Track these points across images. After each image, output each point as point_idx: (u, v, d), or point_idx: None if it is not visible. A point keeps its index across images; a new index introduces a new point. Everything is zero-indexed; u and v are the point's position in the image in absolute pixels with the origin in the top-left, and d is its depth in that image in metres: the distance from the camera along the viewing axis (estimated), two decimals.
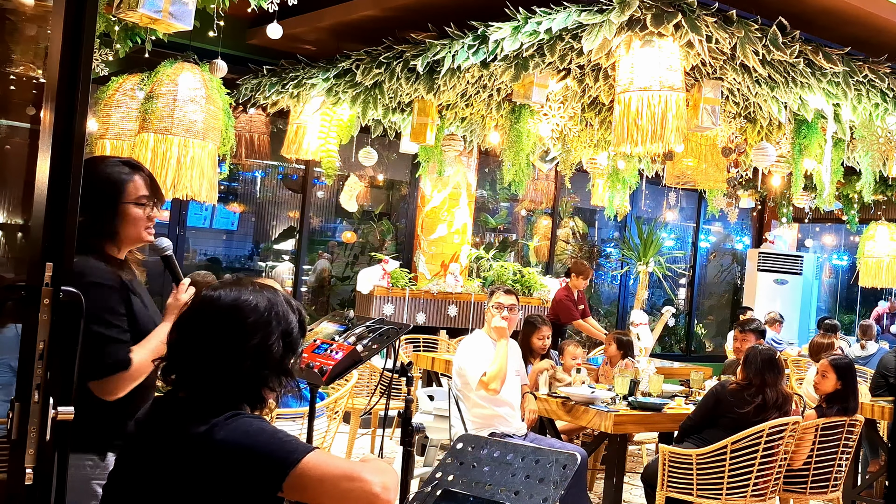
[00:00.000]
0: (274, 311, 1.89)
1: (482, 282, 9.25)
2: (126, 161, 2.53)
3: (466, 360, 4.94)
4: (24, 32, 3.89)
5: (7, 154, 4.09)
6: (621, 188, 8.31)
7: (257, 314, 1.87)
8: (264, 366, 1.87)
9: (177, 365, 1.89)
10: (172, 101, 5.16)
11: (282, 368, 1.90)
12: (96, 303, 2.25)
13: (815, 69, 5.17)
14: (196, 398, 1.85)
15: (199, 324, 1.88)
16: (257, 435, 1.77)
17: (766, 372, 4.81)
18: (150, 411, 1.94)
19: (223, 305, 1.87)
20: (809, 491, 5.03)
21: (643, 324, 8.52)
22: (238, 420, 1.79)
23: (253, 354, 1.85)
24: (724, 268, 13.21)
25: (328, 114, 6.83)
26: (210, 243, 9.74)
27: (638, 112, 4.74)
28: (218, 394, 1.84)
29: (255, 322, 1.86)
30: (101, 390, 2.30)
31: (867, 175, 6.42)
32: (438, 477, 2.15)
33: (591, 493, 6.10)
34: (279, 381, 1.91)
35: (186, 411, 1.83)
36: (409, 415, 2.94)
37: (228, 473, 1.75)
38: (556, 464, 2.04)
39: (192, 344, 1.87)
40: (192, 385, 1.86)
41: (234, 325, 1.85)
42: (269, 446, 1.76)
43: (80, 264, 2.28)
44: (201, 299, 1.91)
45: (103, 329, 2.28)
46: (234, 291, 1.89)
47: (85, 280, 2.25)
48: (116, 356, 2.29)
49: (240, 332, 1.85)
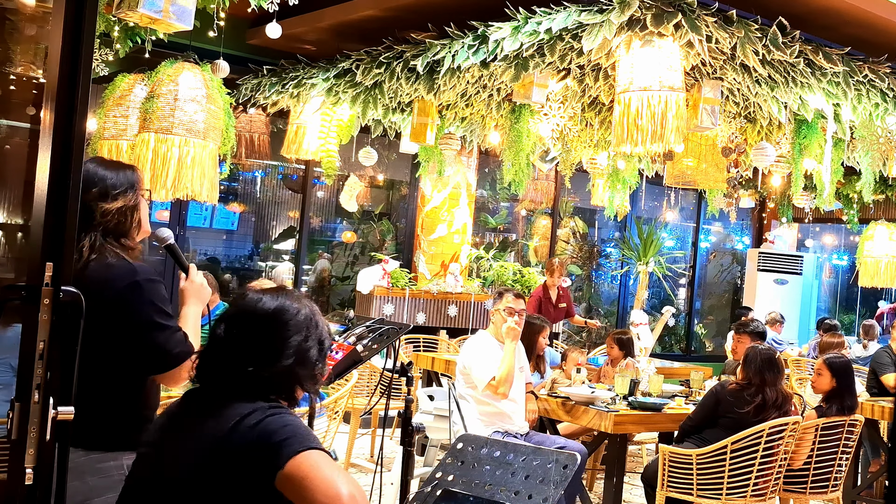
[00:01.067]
0: (313, 319, 2.02)
1: (482, 282, 9.25)
2: (110, 161, 2.58)
3: (473, 362, 4.94)
4: (24, 32, 3.90)
5: (7, 154, 4.09)
6: (621, 188, 8.31)
7: (299, 317, 1.99)
8: (302, 365, 1.97)
9: (218, 362, 1.97)
10: (173, 100, 5.16)
11: (314, 372, 2.01)
12: (155, 298, 2.36)
13: (815, 69, 5.17)
14: (233, 392, 1.92)
15: (243, 323, 1.98)
16: (286, 424, 1.85)
17: (766, 371, 4.81)
18: (182, 404, 2.01)
19: (270, 306, 1.99)
20: (809, 491, 5.03)
21: (643, 324, 8.51)
22: (277, 411, 1.88)
23: (292, 355, 1.95)
24: (724, 268, 13.21)
25: (328, 114, 6.83)
26: (210, 243, 9.74)
27: (638, 112, 4.74)
28: (255, 387, 1.92)
29: (297, 324, 1.98)
30: (172, 379, 2.39)
31: (867, 175, 6.42)
32: (438, 477, 2.15)
33: (591, 493, 6.11)
34: (310, 384, 2.01)
35: (229, 400, 1.90)
36: (409, 415, 2.94)
37: (249, 453, 1.81)
38: (556, 464, 2.04)
39: (235, 342, 1.96)
40: (231, 379, 1.94)
41: (279, 323, 1.97)
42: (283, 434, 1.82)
43: (127, 263, 2.37)
44: (247, 300, 2.02)
45: (166, 320, 2.36)
46: (279, 297, 2.01)
47: (140, 277, 2.35)
48: (183, 345, 2.37)
49: (284, 330, 1.97)
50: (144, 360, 2.34)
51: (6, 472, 1.58)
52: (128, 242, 2.46)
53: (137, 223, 2.49)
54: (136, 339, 2.32)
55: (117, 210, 2.41)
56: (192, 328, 2.49)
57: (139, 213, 2.50)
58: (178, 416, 2.00)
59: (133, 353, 2.33)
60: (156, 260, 7.99)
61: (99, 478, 2.32)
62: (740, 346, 5.88)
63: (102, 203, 2.40)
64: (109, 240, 2.39)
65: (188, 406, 1.99)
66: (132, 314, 2.31)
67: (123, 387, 2.37)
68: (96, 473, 2.32)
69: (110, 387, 2.34)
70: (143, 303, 2.33)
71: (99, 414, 2.31)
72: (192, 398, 2.00)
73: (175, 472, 1.88)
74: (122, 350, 2.32)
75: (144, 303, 2.33)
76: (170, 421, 2.00)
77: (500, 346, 4.99)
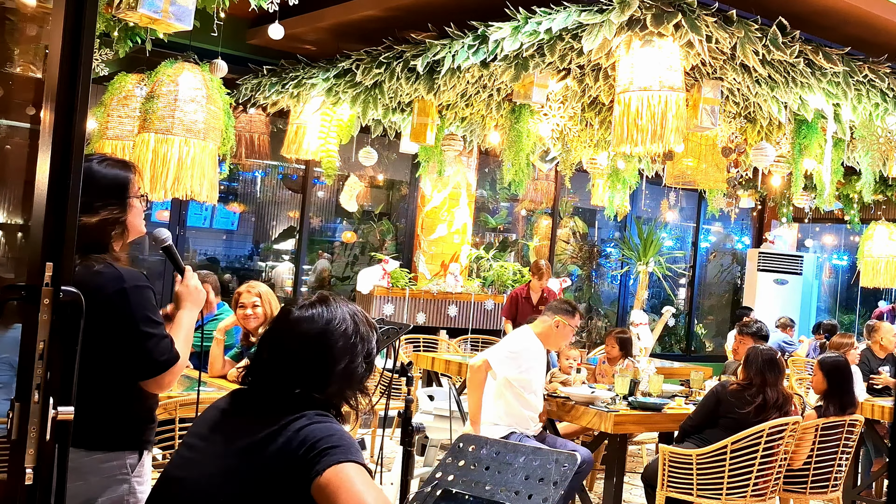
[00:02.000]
0: (359, 335, 1.96)
1: (482, 282, 9.25)
2: (109, 157, 2.56)
3: (528, 361, 4.98)
4: (24, 32, 3.90)
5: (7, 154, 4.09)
6: (621, 188, 8.31)
7: (345, 339, 1.93)
8: (349, 386, 1.95)
9: (265, 380, 1.94)
10: (173, 100, 5.16)
11: (362, 387, 1.99)
12: (143, 304, 2.35)
13: (815, 69, 5.17)
14: (280, 404, 1.90)
15: (288, 343, 1.95)
16: (332, 433, 1.84)
17: (767, 372, 4.81)
18: (231, 403, 2.00)
19: (313, 330, 1.93)
20: (809, 491, 5.03)
21: (643, 324, 8.52)
22: (323, 419, 1.86)
23: (339, 379, 1.92)
24: (724, 268, 13.20)
25: (328, 114, 6.83)
26: (210, 243, 9.74)
27: (638, 112, 4.74)
28: (304, 405, 1.89)
29: (344, 347, 1.93)
30: (157, 386, 2.39)
31: (867, 175, 6.42)
32: (438, 477, 2.15)
33: (591, 493, 6.11)
34: (357, 397, 1.99)
35: (275, 409, 1.88)
36: (409, 415, 2.94)
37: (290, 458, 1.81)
38: (556, 464, 2.04)
39: (282, 363, 1.93)
40: (279, 399, 1.91)
41: (323, 349, 1.92)
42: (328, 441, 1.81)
43: (114, 269, 2.36)
44: (293, 320, 1.96)
45: (152, 328, 2.36)
46: (323, 316, 1.94)
47: (127, 284, 2.34)
48: (169, 352, 2.37)
49: (329, 358, 1.92)
50: (132, 366, 2.35)
51: (6, 472, 1.58)
52: (117, 250, 2.44)
53: (121, 233, 2.45)
54: (123, 346, 2.32)
55: (95, 224, 2.36)
56: (184, 333, 2.49)
57: (127, 221, 2.47)
58: (224, 415, 1.99)
59: (121, 358, 2.34)
60: (155, 260, 7.99)
61: (101, 477, 2.33)
62: (742, 346, 5.88)
63: (82, 216, 2.37)
64: (95, 251, 2.37)
65: (235, 408, 1.98)
66: (119, 321, 2.31)
67: (121, 388, 2.37)
68: (99, 473, 2.33)
69: (108, 388, 2.35)
70: (130, 310, 2.32)
71: (99, 414, 2.31)
72: (239, 400, 1.99)
73: (212, 474, 1.88)
74: (112, 355, 2.33)
75: (132, 310, 2.33)
76: (216, 421, 1.99)
77: (542, 347, 5.06)
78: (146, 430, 2.45)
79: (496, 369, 4.87)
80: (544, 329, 5.06)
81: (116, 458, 2.36)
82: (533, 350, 4.99)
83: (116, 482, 2.35)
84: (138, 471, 2.41)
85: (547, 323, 5.06)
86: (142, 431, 2.44)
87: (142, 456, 2.42)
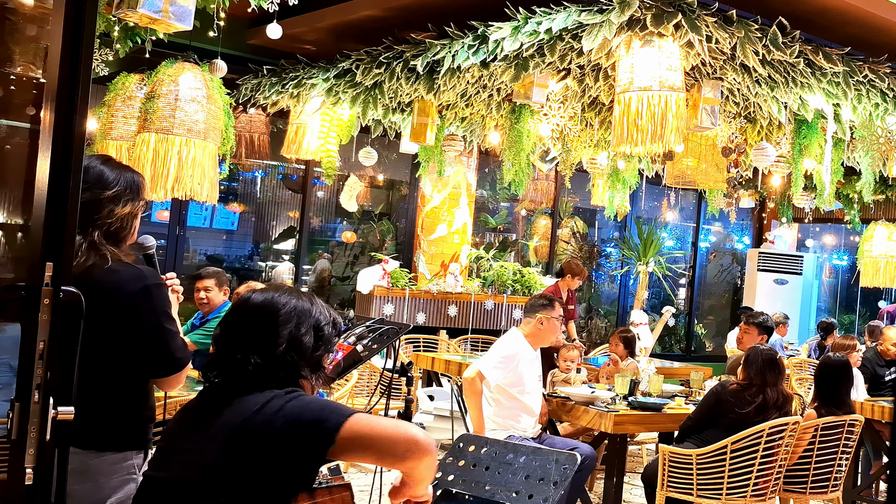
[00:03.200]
0: (304, 307, 2.07)
1: (482, 282, 9.25)
2: (120, 162, 2.57)
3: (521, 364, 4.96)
4: (24, 32, 3.90)
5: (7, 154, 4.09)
6: (621, 188, 8.31)
7: (288, 308, 2.05)
8: (297, 353, 2.02)
9: (222, 359, 2.04)
10: (174, 100, 5.16)
11: (314, 361, 2.05)
12: (165, 302, 2.41)
13: (815, 69, 5.17)
14: (240, 385, 1.98)
15: (237, 319, 2.08)
16: (309, 403, 1.93)
17: (768, 372, 4.81)
18: (199, 401, 2.08)
19: (258, 300, 2.08)
20: (809, 491, 5.03)
21: (643, 324, 8.52)
22: (295, 395, 1.95)
23: (286, 340, 2.01)
24: (724, 268, 13.20)
25: (328, 114, 6.83)
26: (210, 243, 9.74)
27: (638, 112, 4.74)
28: (257, 377, 1.97)
29: (287, 313, 2.04)
30: (173, 383, 2.43)
31: (867, 175, 6.42)
32: (438, 477, 2.15)
33: (591, 493, 6.11)
34: (312, 374, 2.06)
35: (240, 394, 1.96)
36: (409, 415, 2.94)
37: (284, 439, 1.87)
38: (556, 464, 2.04)
39: (233, 337, 2.04)
40: (235, 376, 2.00)
41: (267, 315, 2.04)
42: (319, 412, 1.89)
43: (132, 268, 2.40)
44: (239, 300, 2.13)
45: (173, 326, 2.41)
46: (267, 292, 2.10)
47: (149, 283, 2.38)
48: (185, 351, 2.42)
49: (272, 321, 2.03)
50: (151, 364, 2.37)
51: (6, 472, 1.58)
52: (123, 247, 2.47)
53: (132, 231, 2.51)
54: (144, 343, 2.34)
55: (125, 215, 2.43)
56: None
57: (136, 221, 2.52)
58: (195, 412, 2.04)
59: (140, 356, 2.35)
60: None
61: (111, 478, 2.35)
62: (747, 336, 5.89)
63: (114, 206, 2.41)
64: (109, 242, 2.39)
65: (204, 403, 2.04)
66: (142, 318, 2.33)
67: (132, 387, 2.39)
68: (109, 474, 2.34)
69: (120, 388, 2.37)
70: (153, 307, 2.35)
71: (110, 415, 2.34)
72: (207, 396, 2.05)
73: (195, 468, 1.91)
74: (129, 353, 2.34)
75: (155, 307, 2.36)
76: (187, 417, 2.05)
77: (532, 350, 5.04)
78: (149, 429, 2.48)
79: (489, 377, 4.86)
80: (531, 330, 5.06)
81: (125, 459, 2.37)
82: (523, 353, 4.99)
83: (125, 482, 2.37)
84: (143, 470, 2.42)
85: (531, 323, 5.07)
86: (146, 430, 2.46)
87: (146, 455, 2.44)
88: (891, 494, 1.40)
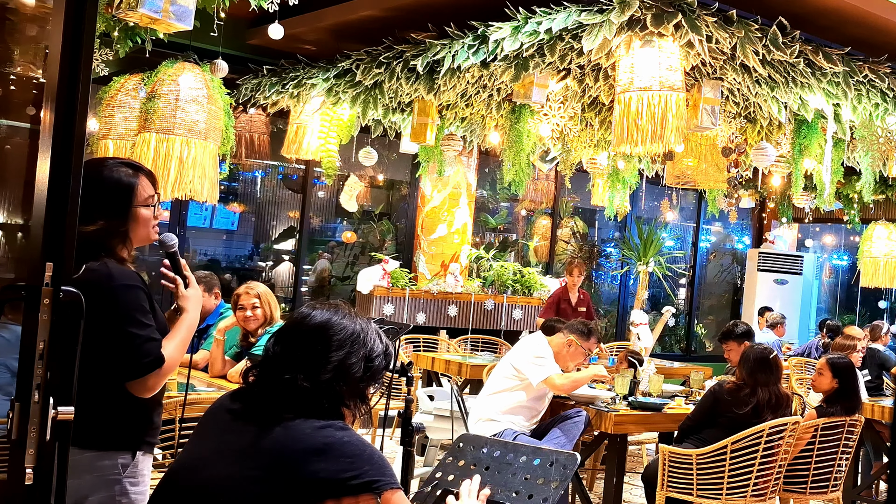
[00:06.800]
0: (360, 336, 2.02)
1: (482, 282, 9.25)
2: (127, 162, 2.53)
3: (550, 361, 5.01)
4: (24, 32, 3.90)
5: (7, 154, 4.09)
6: (621, 188, 8.31)
7: (345, 333, 2.00)
8: (344, 381, 1.97)
9: (269, 374, 1.99)
10: (174, 100, 5.16)
11: (359, 391, 2.01)
12: (130, 304, 2.33)
13: (815, 69, 5.17)
14: (282, 403, 1.94)
15: (292, 336, 2.02)
16: (360, 454, 1.90)
17: (758, 373, 4.80)
18: (236, 401, 2.04)
19: (315, 321, 2.02)
20: (809, 491, 5.03)
21: (643, 324, 8.51)
22: (345, 434, 1.92)
23: (334, 370, 1.96)
24: (724, 268, 13.20)
25: (328, 114, 6.83)
26: (210, 243, 9.74)
27: (638, 112, 4.74)
28: (299, 398, 1.94)
29: (341, 340, 1.99)
30: (141, 388, 2.36)
31: (867, 175, 6.41)
32: (438, 477, 2.15)
33: (591, 493, 6.10)
34: (355, 402, 2.01)
35: (288, 412, 1.93)
36: (409, 415, 2.94)
37: (331, 487, 1.85)
38: (556, 464, 2.04)
39: (284, 354, 1.99)
40: (279, 393, 1.96)
41: (322, 338, 1.99)
42: (368, 463, 1.89)
43: (105, 268, 2.33)
44: (298, 314, 2.08)
45: (138, 329, 2.33)
46: (327, 312, 2.04)
47: (115, 283, 2.32)
48: (153, 354, 2.34)
49: (325, 346, 1.98)
50: (118, 367, 2.32)
51: (6, 472, 1.58)
52: (121, 247, 2.42)
53: (122, 242, 2.43)
54: (109, 345, 2.30)
55: (91, 233, 2.32)
56: (181, 337, 2.45)
57: (130, 230, 2.44)
58: (235, 413, 2.00)
59: (108, 357, 2.31)
60: (154, 260, 7.99)
61: (93, 476, 2.32)
62: (733, 354, 5.84)
63: (80, 225, 2.33)
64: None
65: (247, 410, 2.00)
66: (106, 319, 2.28)
67: (110, 388, 2.34)
68: (91, 472, 2.32)
69: (98, 387, 2.32)
70: (116, 309, 2.30)
71: (90, 413, 2.28)
72: (249, 402, 2.00)
73: (230, 471, 1.89)
74: (100, 354, 2.29)
75: (118, 309, 2.30)
76: (223, 414, 2.01)
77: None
78: (140, 431, 2.42)
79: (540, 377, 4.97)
80: (557, 346, 5.12)
81: (108, 458, 2.34)
82: (551, 358, 5.08)
83: (108, 482, 2.34)
84: (131, 471, 2.39)
85: (561, 340, 5.14)
86: (135, 432, 2.41)
87: (135, 457, 2.40)
88: (891, 494, 1.40)
